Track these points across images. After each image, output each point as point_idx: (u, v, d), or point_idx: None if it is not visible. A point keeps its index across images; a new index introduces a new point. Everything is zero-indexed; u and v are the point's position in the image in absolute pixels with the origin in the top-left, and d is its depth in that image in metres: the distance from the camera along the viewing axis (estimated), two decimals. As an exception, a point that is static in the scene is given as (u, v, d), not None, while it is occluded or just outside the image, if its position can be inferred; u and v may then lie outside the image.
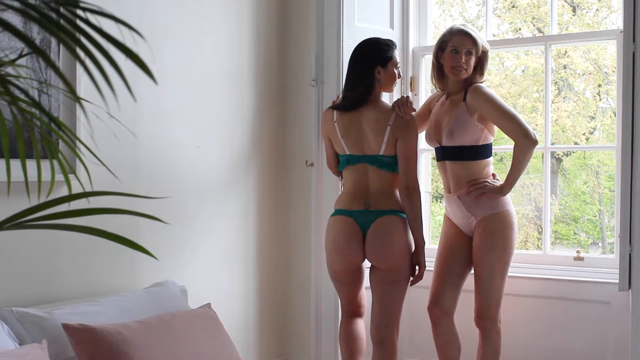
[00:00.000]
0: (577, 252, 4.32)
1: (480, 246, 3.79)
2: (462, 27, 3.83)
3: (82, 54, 1.15)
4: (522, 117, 3.78)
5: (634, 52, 3.56)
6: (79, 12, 1.20)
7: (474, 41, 3.80)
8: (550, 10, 4.58)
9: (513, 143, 3.76)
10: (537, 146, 3.73)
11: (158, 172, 3.79)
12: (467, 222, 3.87)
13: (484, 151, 3.86)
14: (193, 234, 4.03)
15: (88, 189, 2.65)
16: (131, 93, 1.13)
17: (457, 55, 3.79)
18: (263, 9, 4.54)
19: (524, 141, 3.67)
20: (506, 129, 3.74)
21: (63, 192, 3.23)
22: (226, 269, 4.28)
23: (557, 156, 10.20)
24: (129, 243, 1.31)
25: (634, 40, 3.56)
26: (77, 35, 1.14)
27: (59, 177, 3.02)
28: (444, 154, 3.92)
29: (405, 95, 3.75)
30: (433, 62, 3.95)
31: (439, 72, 3.93)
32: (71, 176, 2.84)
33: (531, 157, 3.74)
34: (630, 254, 3.61)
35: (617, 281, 3.67)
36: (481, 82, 3.87)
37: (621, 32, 3.72)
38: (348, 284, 3.77)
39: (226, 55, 4.27)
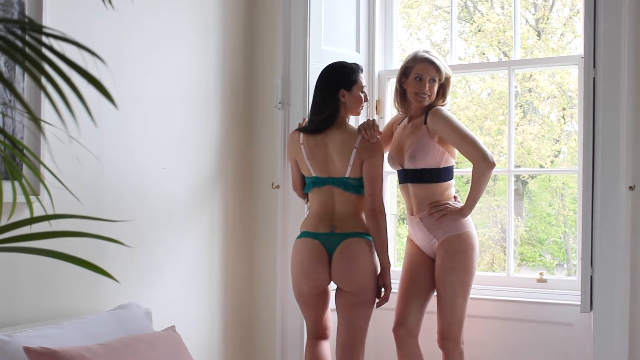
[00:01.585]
0: (541, 274, 4.36)
1: (442, 267, 3.82)
2: (426, 55, 3.87)
3: (44, 80, 1.16)
4: (484, 140, 3.83)
5: (594, 77, 3.63)
6: (43, 38, 1.21)
7: (437, 69, 3.85)
8: (514, 35, 4.65)
9: None
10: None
11: (123, 195, 3.78)
12: (429, 244, 3.91)
13: (446, 173, 3.90)
14: (158, 257, 4.02)
15: (50, 212, 2.64)
16: (91, 117, 1.14)
17: (421, 82, 3.84)
18: (230, 31, 4.56)
19: (482, 164, 3.72)
20: (465, 152, 3.79)
21: (25, 214, 3.20)
22: (191, 291, 4.26)
23: (522, 178, 10.30)
24: (90, 266, 1.32)
25: (594, 66, 3.63)
26: (40, 62, 1.15)
27: (21, 198, 3.00)
28: (406, 177, 3.96)
29: (371, 119, 3.79)
30: (396, 87, 3.99)
31: (402, 96, 3.98)
32: (33, 198, 2.83)
33: (489, 179, 3.80)
34: (591, 276, 3.66)
35: (579, 303, 3.72)
36: (443, 106, 3.91)
37: (582, 57, 3.79)
38: (314, 306, 3.78)
39: (192, 78, 4.28)
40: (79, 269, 1.42)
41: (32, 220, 1.36)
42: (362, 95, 3.75)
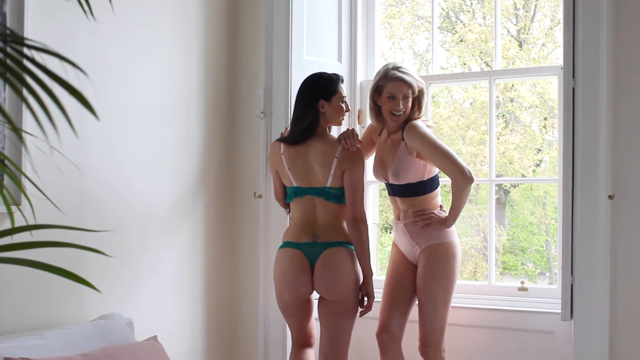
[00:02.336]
0: (522, 282, 4.39)
1: (423, 275, 3.84)
2: (397, 74, 3.85)
3: (26, 92, 1.17)
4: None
5: (574, 87, 3.67)
6: (25, 50, 1.21)
7: (409, 85, 3.85)
8: (494, 46, 4.69)
9: None
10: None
11: (105, 205, 3.77)
12: (412, 250, 3.94)
13: (431, 184, 3.93)
14: (140, 266, 4.01)
15: (32, 222, 2.64)
16: (72, 128, 1.15)
17: (395, 100, 3.84)
18: (212, 42, 4.57)
19: (460, 180, 3.74)
20: (442, 168, 3.81)
21: (6, 225, 3.20)
22: (173, 301, 4.26)
23: (504, 188, 10.35)
24: (72, 276, 1.33)
25: (573, 77, 3.67)
26: (22, 73, 1.16)
27: (2, 208, 3.00)
28: (392, 191, 4.00)
29: (351, 128, 3.81)
30: (370, 104, 3.99)
31: (377, 113, 3.98)
32: (14, 208, 2.82)
33: (469, 192, 3.82)
34: (572, 285, 3.69)
35: (560, 311, 3.75)
36: (419, 117, 3.92)
37: (562, 68, 3.83)
38: (297, 315, 3.79)
39: (175, 88, 4.28)
40: (60, 279, 1.43)
41: (14, 230, 1.36)
42: (342, 105, 3.76)
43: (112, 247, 3.68)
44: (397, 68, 3.87)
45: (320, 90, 3.73)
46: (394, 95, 3.84)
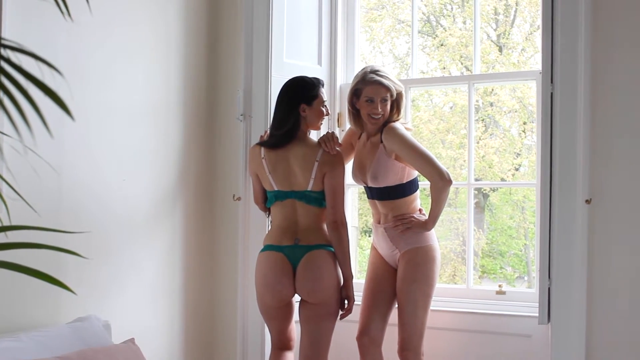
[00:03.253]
0: (500, 286, 4.41)
1: (403, 279, 3.85)
2: (375, 77, 3.86)
3: (0, 92, 1.16)
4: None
5: (552, 92, 3.69)
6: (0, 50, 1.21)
7: (387, 88, 3.86)
8: (474, 50, 4.71)
9: None
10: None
11: (83, 206, 3.75)
12: (391, 254, 3.95)
13: (410, 187, 3.93)
14: (118, 268, 3.99)
15: (7, 223, 2.62)
16: (48, 129, 1.14)
17: (373, 104, 3.85)
18: (192, 44, 4.56)
19: (439, 182, 3.75)
20: (421, 170, 3.82)
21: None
22: (151, 303, 4.24)
23: (484, 192, 10.40)
24: (47, 278, 1.32)
25: (552, 82, 3.69)
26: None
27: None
28: (372, 194, 4.00)
29: (330, 131, 3.82)
30: (348, 107, 4.00)
31: (356, 116, 3.98)
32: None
33: (448, 195, 3.83)
34: (549, 288, 3.71)
35: (537, 315, 3.77)
36: (398, 120, 3.93)
37: (540, 73, 3.85)
38: (278, 318, 3.79)
39: (154, 90, 4.27)
40: (36, 281, 1.42)
41: (-12, 231, 1.35)
42: (323, 109, 3.77)
43: (90, 249, 3.66)
44: (375, 71, 3.88)
45: (302, 94, 3.73)
46: (372, 98, 3.84)
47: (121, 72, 4.03)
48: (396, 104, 3.92)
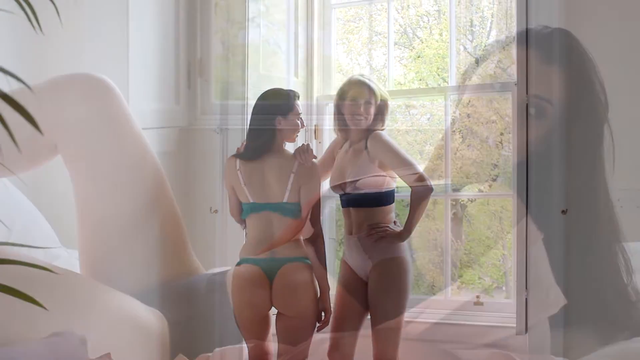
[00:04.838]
0: (477, 296, 4.41)
1: (375, 290, 3.82)
2: (360, 78, 3.90)
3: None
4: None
5: (527, 104, 3.71)
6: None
7: (371, 91, 3.88)
8: (450, 62, 4.73)
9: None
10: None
11: (58, 220, 3.72)
12: (364, 265, 3.91)
13: (387, 197, 3.92)
14: (94, 282, 3.95)
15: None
16: (15, 143, 1.13)
17: (356, 105, 3.87)
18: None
19: (420, 188, 3.76)
20: (403, 176, 3.82)
21: (-46, 240, 3.13)
22: (128, 318, 4.20)
23: (462, 202, 10.42)
24: (19, 294, 1.30)
25: (527, 93, 3.70)
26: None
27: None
28: (348, 202, 3.97)
29: (305, 143, 3.81)
30: (334, 111, 4.01)
31: (341, 121, 3.99)
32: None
33: (428, 203, 3.83)
34: (526, 299, 3.72)
35: (515, 325, 3.77)
36: (382, 130, 3.94)
37: (515, 84, 3.86)
38: (255, 332, 3.76)
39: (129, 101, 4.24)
40: (9, 296, 1.40)
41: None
42: (298, 122, 3.77)
43: (64, 263, 3.63)
44: (361, 75, 3.93)
45: (277, 106, 3.72)
46: (355, 99, 3.85)
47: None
48: (380, 112, 3.92)
